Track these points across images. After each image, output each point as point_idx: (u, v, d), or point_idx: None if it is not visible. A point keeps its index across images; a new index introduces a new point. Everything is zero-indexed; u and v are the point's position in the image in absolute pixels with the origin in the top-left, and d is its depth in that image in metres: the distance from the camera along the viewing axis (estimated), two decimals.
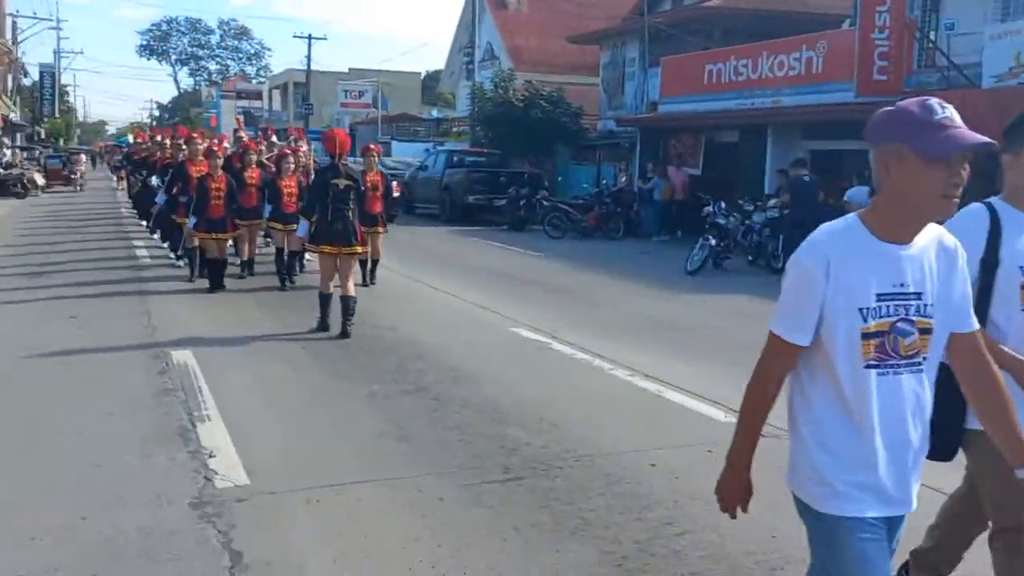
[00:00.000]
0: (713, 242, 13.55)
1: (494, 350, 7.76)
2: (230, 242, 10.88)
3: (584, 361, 7.37)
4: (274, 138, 14.71)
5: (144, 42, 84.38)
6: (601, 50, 26.97)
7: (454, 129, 35.00)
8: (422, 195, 24.10)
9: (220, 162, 10.65)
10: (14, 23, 39.78)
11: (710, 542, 3.88)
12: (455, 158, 24.08)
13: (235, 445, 5.02)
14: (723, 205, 14.49)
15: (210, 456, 4.84)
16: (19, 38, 41.10)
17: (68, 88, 61.51)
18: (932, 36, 15.22)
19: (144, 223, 17.10)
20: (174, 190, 11.54)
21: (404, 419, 5.61)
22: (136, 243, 15.09)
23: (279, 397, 6.10)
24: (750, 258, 14.31)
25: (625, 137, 23.27)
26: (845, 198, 12.19)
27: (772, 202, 14.57)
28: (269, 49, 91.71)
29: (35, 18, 42.81)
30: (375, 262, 11.10)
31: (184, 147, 12.04)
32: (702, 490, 4.45)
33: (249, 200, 11.02)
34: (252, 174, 11.24)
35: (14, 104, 39.04)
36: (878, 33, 14.43)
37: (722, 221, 14.04)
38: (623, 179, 20.99)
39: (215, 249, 10.29)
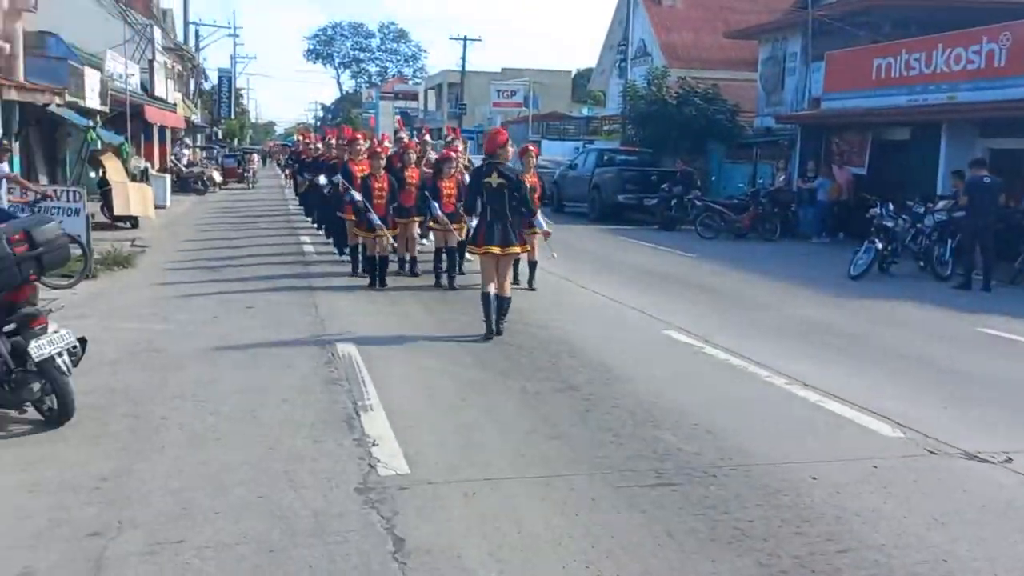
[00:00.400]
0: (880, 245, 12.90)
1: (646, 352, 7.71)
2: (392, 240, 10.97)
3: (739, 367, 7.21)
4: (428, 137, 14.40)
5: (311, 47, 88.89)
6: (759, 45, 26.15)
7: (604, 127, 34.87)
8: (571, 194, 24.16)
9: (383, 163, 10.86)
10: (196, 31, 42.79)
11: (874, 562, 3.74)
12: (605, 156, 24.00)
13: (396, 434, 5.24)
14: (891, 207, 13.76)
15: (373, 444, 5.07)
16: (200, 45, 44.14)
17: (242, 91, 65.48)
18: None
19: (310, 219, 18.05)
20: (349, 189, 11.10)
21: (556, 417, 5.68)
22: (303, 238, 15.91)
23: (436, 390, 6.30)
24: (920, 263, 13.54)
25: (784, 135, 22.49)
26: None
27: (940, 204, 13.72)
28: (426, 51, 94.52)
29: (214, 26, 45.79)
30: (533, 265, 10.85)
31: (349, 147, 12.17)
32: (866, 507, 4.31)
33: (408, 199, 11.30)
34: (412, 174, 11.41)
35: (195, 107, 41.97)
36: None
37: (890, 224, 13.33)
38: (781, 178, 20.29)
39: (377, 246, 10.58)
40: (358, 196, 10.43)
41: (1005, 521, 4.23)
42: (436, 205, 10.65)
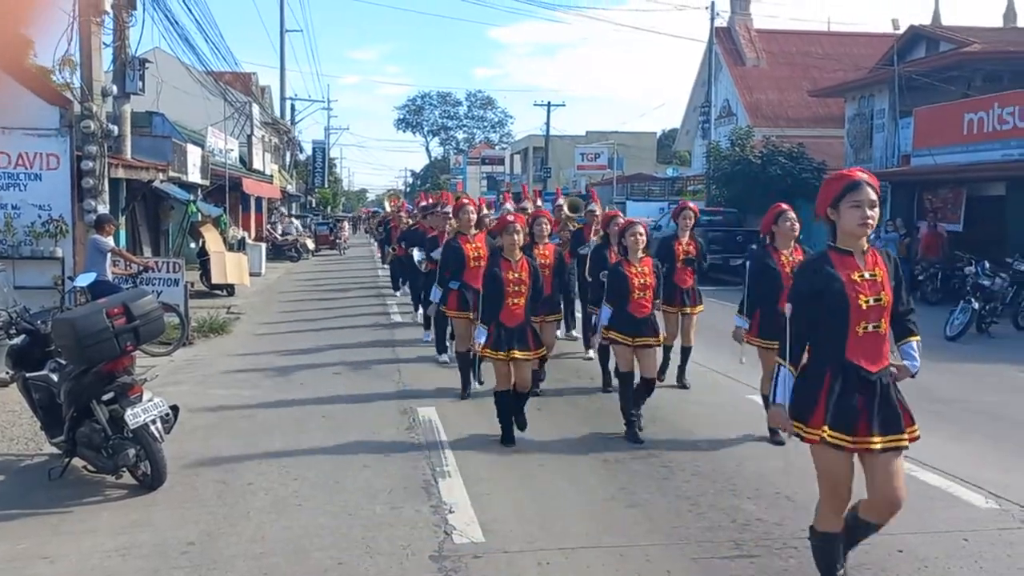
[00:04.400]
0: (976, 305, 12.44)
1: (728, 416, 7.58)
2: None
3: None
4: (508, 205, 11.98)
5: (401, 116, 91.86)
6: (846, 102, 25.88)
7: (689, 188, 34.80)
8: (656, 254, 24.06)
9: (519, 238, 6.68)
10: (292, 106, 44.81)
11: None
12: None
13: (472, 501, 5.28)
14: (987, 265, 13.28)
15: (450, 511, 5.12)
16: (296, 118, 46.17)
17: (335, 160, 67.97)
18: None
19: (396, 292, 17.06)
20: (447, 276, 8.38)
21: (635, 484, 5.63)
22: (389, 302, 16.26)
23: (514, 456, 6.33)
24: (1022, 323, 12.98)
25: None
26: None
27: None
28: (511, 117, 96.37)
29: (309, 100, 48.30)
30: (686, 350, 8.61)
31: (454, 218, 8.92)
32: None
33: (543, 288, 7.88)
34: (545, 252, 8.38)
35: (291, 177, 43.73)
36: None
37: (986, 282, 12.85)
38: (871, 236, 19.81)
39: (513, 376, 6.64)
40: (436, 294, 8.36)
41: None
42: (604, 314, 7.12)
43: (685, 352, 8.60)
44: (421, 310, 12.09)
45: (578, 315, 10.85)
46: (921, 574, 4.24)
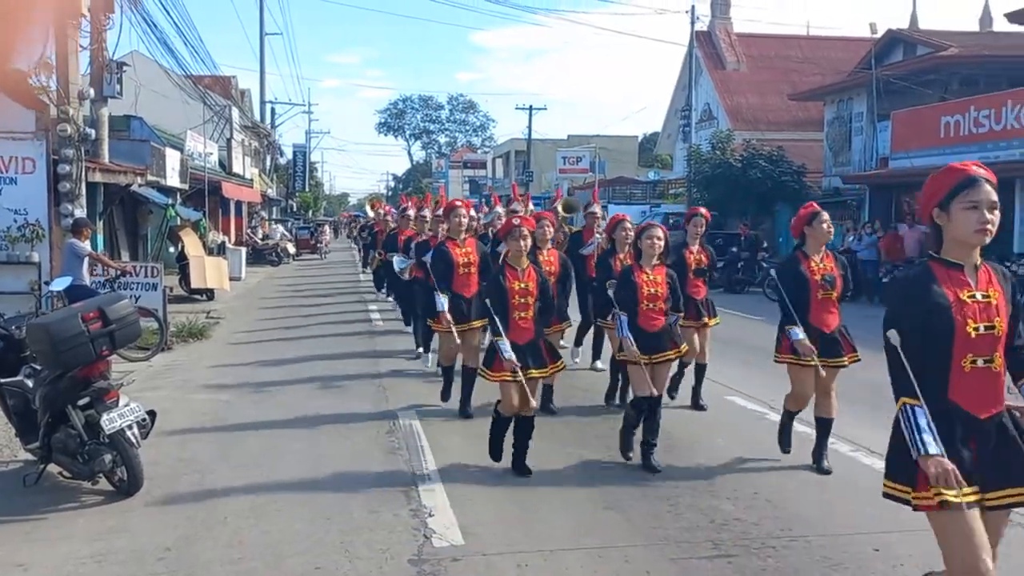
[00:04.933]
0: None
1: (708, 418, 7.61)
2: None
3: (802, 433, 7.02)
4: (499, 208, 11.74)
5: (382, 119, 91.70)
6: (825, 106, 26.10)
7: (670, 191, 34.97)
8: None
9: (526, 243, 6.07)
10: (272, 109, 44.63)
11: None
12: (671, 220, 24.00)
13: (452, 505, 5.27)
14: None
15: (429, 515, 5.11)
16: (276, 122, 46.00)
17: (316, 164, 67.70)
18: None
19: (379, 293, 16.99)
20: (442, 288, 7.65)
21: (613, 485, 5.64)
22: (371, 307, 16.22)
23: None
24: None
25: (852, 195, 22.23)
26: None
27: None
28: (494, 120, 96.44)
29: (289, 104, 47.88)
30: (701, 368, 7.92)
31: (444, 221, 8.35)
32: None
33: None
34: (549, 258, 7.84)
35: (271, 181, 43.54)
36: None
37: None
38: (851, 238, 20.00)
39: (515, 398, 5.86)
40: (441, 304, 7.46)
41: None
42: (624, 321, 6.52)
43: (700, 370, 7.85)
44: (411, 328, 11.09)
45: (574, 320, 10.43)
46: (898, 572, 4.27)
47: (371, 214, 21.91)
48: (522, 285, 5.81)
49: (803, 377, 5.92)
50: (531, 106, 49.19)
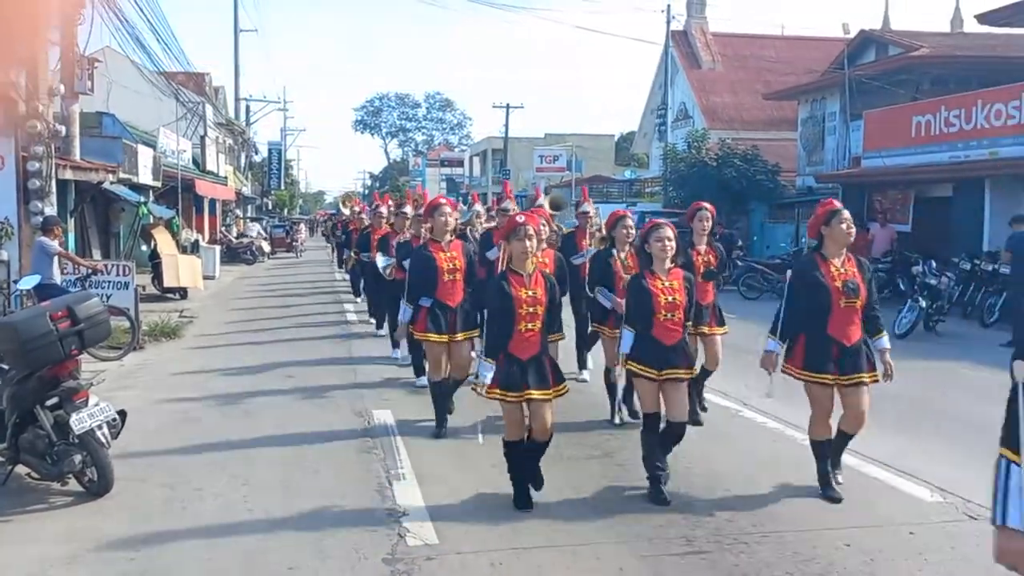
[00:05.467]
0: (924, 304, 12.70)
1: None
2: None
3: (776, 430, 7.11)
4: (478, 206, 10.44)
5: (359, 117, 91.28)
6: (799, 105, 26.29)
7: (647, 190, 35.07)
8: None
9: (532, 244, 5.25)
10: (247, 107, 44.29)
11: None
12: (647, 218, 24.10)
13: (427, 504, 5.26)
14: (933, 264, 13.58)
15: (404, 514, 5.09)
16: (251, 119, 45.66)
17: (292, 162, 67.27)
18: None
19: (357, 299, 16.18)
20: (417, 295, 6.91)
21: (589, 484, 5.65)
22: (347, 307, 16.13)
23: (469, 458, 6.30)
24: (986, 320, 13.32)
25: (825, 193, 22.41)
26: None
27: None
28: (470, 119, 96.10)
29: (264, 101, 47.36)
30: (706, 372, 7.39)
31: (426, 220, 7.31)
32: (900, 574, 4.20)
33: None
34: (545, 258, 7.08)
35: (246, 179, 43.22)
36: None
37: (933, 281, 13.14)
38: None
39: (515, 427, 5.31)
40: (406, 313, 6.91)
41: None
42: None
43: (705, 374, 7.23)
44: (387, 328, 10.84)
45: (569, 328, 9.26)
46: (868, 567, 4.31)
47: (345, 212, 21.53)
48: (530, 293, 5.07)
49: (819, 395, 5.34)
50: (508, 104, 49.16)
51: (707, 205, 7.13)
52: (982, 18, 18.38)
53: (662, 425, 5.41)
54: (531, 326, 5.07)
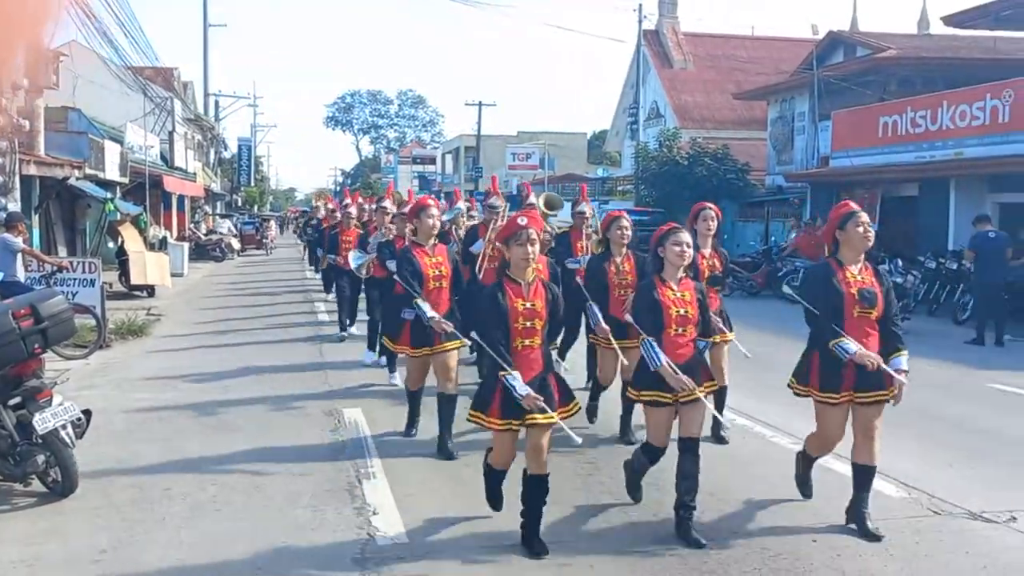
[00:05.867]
0: None
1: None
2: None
3: (745, 427, 7.17)
4: (461, 204, 10.00)
5: (330, 114, 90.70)
6: (768, 105, 26.53)
7: (619, 188, 35.21)
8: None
9: (529, 247, 4.69)
10: (216, 102, 43.87)
11: None
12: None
13: (397, 503, 5.24)
14: (899, 262, 13.78)
15: (374, 513, 5.07)
16: (220, 115, 45.20)
17: (262, 159, 66.77)
18: None
19: (329, 295, 15.36)
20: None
21: (560, 481, 5.62)
22: (318, 305, 16.02)
23: (440, 456, 6.28)
24: (959, 317, 13.52)
25: (795, 193, 22.65)
26: None
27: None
28: (443, 116, 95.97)
29: (234, 96, 46.90)
30: (721, 392, 6.39)
31: (411, 221, 6.66)
32: (866, 569, 4.26)
33: None
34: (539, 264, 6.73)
35: (215, 175, 42.81)
36: None
37: (899, 280, 13.32)
38: (794, 235, 20.39)
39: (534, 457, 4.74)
40: (427, 310, 6.07)
41: None
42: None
43: (720, 394, 6.33)
44: (361, 328, 10.65)
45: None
46: (835, 562, 4.36)
47: (322, 211, 21.00)
48: (528, 305, 4.51)
49: (833, 417, 4.86)
50: (480, 102, 49.10)
51: (711, 205, 6.55)
52: (948, 20, 18.69)
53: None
54: (529, 342, 4.51)
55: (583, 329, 7.40)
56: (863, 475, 4.79)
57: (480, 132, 49.80)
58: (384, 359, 9.05)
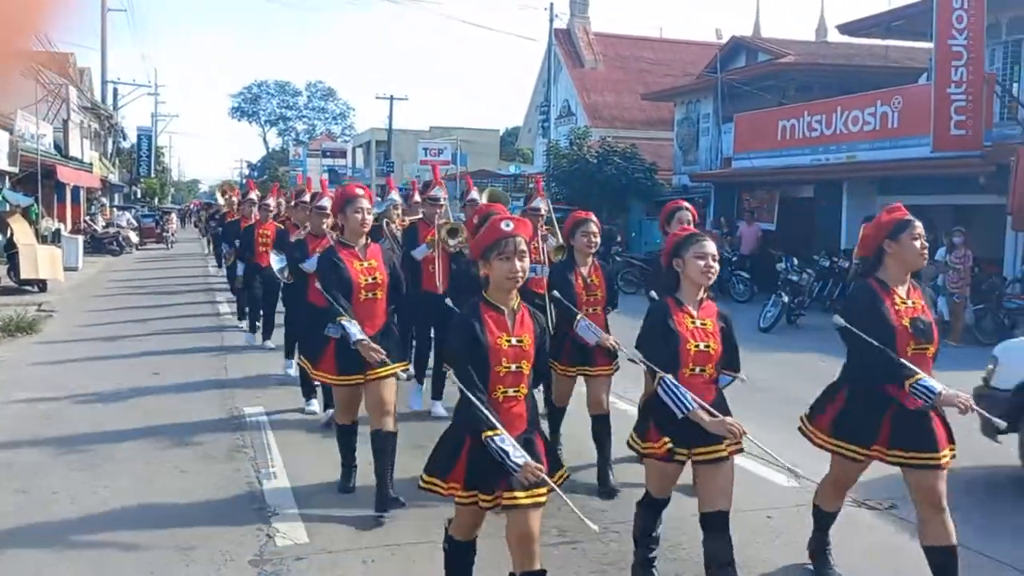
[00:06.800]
0: (786, 299, 13.36)
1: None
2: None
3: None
4: (394, 195, 8.24)
5: (236, 104, 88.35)
6: (675, 106, 27.11)
7: (530, 185, 35.44)
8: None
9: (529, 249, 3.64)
10: (115, 90, 42.17)
11: None
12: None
13: (298, 502, 5.17)
14: (795, 261, 14.32)
15: (273, 514, 4.98)
16: (119, 104, 43.51)
17: (164, 149, 64.53)
18: (1014, 90, 14.90)
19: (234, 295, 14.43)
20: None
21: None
22: (218, 298, 15.63)
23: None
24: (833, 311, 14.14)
25: (700, 192, 23.22)
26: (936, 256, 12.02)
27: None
28: (353, 109, 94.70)
29: (134, 84, 45.15)
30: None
31: (336, 215, 5.51)
32: (759, 557, 4.42)
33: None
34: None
35: (113, 166, 41.18)
36: (955, 88, 14.16)
37: (795, 278, 13.84)
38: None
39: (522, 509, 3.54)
40: (354, 331, 4.79)
41: (887, 565, 4.39)
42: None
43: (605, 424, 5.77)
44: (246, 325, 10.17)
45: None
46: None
47: (221, 201, 20.28)
48: (514, 342, 3.35)
49: (847, 468, 4.17)
50: (392, 95, 48.72)
51: (686, 204, 5.84)
52: (843, 28, 19.42)
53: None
54: (514, 392, 3.36)
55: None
56: (941, 561, 3.65)
57: (392, 126, 49.35)
58: (292, 363, 8.08)
